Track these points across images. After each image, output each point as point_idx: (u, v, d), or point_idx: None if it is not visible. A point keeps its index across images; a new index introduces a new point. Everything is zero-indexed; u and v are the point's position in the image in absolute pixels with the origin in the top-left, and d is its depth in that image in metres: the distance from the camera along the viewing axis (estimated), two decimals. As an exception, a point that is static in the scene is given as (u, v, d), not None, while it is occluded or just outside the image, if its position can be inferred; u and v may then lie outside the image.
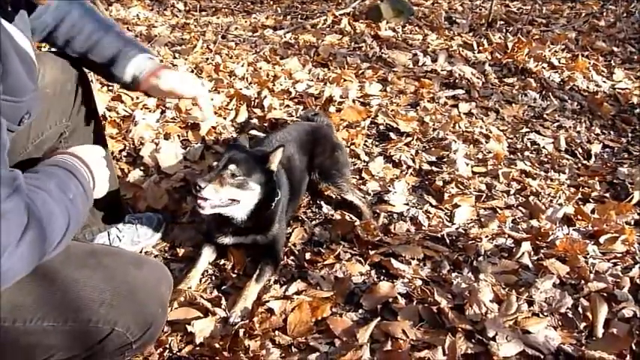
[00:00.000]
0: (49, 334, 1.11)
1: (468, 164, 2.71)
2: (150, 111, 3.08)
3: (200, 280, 1.97)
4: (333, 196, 2.38)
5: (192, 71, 3.71)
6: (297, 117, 3.06)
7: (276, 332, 1.69)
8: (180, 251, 2.12)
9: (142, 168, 2.61)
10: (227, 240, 2.02)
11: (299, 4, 5.99)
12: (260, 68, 3.83)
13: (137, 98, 3.13)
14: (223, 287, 1.95)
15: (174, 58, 4.02)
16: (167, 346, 1.67)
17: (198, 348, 1.66)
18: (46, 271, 1.11)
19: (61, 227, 1.03)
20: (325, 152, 2.39)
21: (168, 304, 1.35)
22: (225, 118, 3.12)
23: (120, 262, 1.24)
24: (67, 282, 1.13)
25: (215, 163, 1.92)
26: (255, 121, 3.08)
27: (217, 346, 1.64)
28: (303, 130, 2.46)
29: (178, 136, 2.87)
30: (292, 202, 2.20)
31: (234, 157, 1.85)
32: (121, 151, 2.76)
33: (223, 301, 1.84)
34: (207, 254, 2.03)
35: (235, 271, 2.02)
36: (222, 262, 2.07)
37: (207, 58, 3.98)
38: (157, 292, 1.26)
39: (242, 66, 3.81)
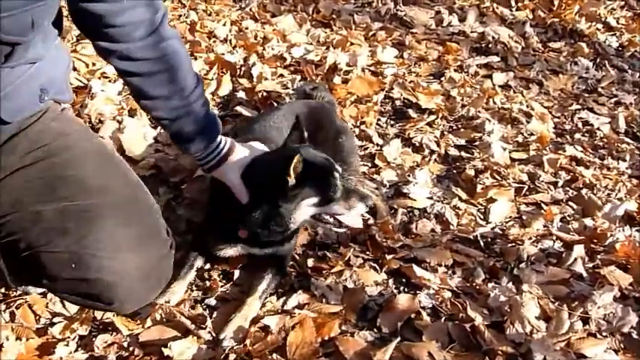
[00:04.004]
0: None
1: (505, 149, 2.72)
2: (110, 81, 3.03)
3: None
4: (341, 188, 2.38)
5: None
6: (292, 90, 3.04)
7: (274, 355, 1.69)
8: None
9: (101, 152, 2.59)
10: (232, 251, 2.00)
11: (292, -52, 5.94)
12: (246, 28, 3.80)
13: (93, 65, 3.09)
14: (207, 300, 1.95)
15: (139, 14, 3.97)
16: (139, 372, 1.67)
17: (177, 375, 1.66)
18: None
19: None
20: (327, 140, 2.36)
21: None
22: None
23: None
24: None
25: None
26: (241, 94, 3.06)
27: (201, 372, 1.65)
28: (301, 112, 2.39)
29: (147, 112, 2.85)
30: None
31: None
32: (75, 130, 2.73)
33: (208, 319, 1.83)
34: (198, 263, 2.01)
35: (222, 279, 2.01)
36: (207, 266, 2.06)
37: (180, 15, 3.93)
38: None
39: (224, 25, 3.77)
